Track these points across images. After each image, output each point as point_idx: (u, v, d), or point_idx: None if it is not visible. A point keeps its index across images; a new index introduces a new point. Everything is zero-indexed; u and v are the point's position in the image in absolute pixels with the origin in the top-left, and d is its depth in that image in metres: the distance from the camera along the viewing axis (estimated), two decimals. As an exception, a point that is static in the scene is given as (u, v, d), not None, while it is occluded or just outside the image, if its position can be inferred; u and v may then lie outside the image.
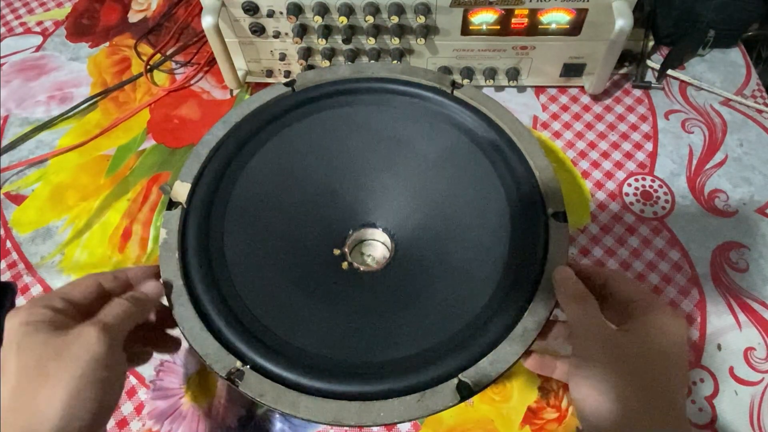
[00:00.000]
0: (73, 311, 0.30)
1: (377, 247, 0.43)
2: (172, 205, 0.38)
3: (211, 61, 0.65)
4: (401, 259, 0.40)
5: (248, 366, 0.33)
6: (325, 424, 0.32)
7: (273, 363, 0.33)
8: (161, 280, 0.35)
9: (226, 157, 0.41)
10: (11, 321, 0.29)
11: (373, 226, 0.42)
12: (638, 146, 0.57)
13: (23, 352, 0.28)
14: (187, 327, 0.34)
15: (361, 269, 0.40)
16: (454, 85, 0.44)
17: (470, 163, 0.41)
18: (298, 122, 0.43)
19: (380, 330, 0.36)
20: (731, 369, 0.45)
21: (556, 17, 0.51)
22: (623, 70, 0.62)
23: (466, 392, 0.31)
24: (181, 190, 0.39)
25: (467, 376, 0.32)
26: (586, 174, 0.56)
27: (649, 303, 0.31)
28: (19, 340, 0.28)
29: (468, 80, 0.59)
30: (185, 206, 0.38)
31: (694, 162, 0.55)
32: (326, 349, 0.34)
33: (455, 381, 0.32)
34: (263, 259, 0.38)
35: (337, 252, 0.41)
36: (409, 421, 0.35)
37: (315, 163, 0.42)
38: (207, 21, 0.51)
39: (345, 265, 0.40)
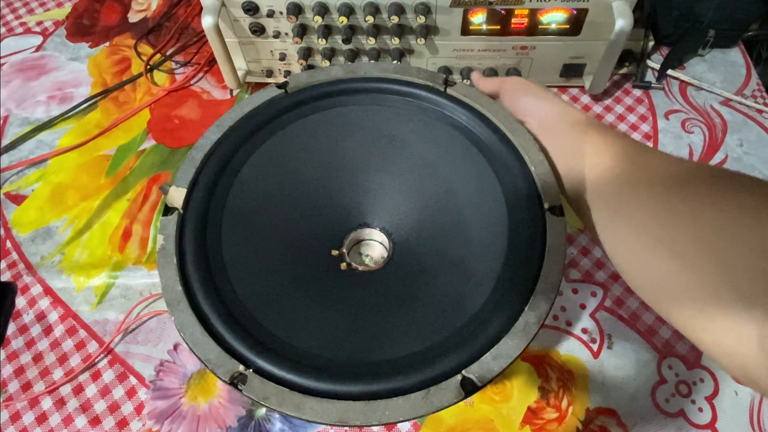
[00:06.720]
0: None
1: (375, 247, 0.43)
2: (168, 210, 0.38)
3: (211, 61, 0.65)
4: (399, 258, 0.41)
5: (251, 369, 0.32)
6: (330, 425, 0.32)
7: (276, 366, 0.32)
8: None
9: (221, 160, 0.41)
10: None
11: (371, 226, 0.42)
12: (638, 146, 0.57)
13: None
14: (188, 333, 0.34)
15: (360, 269, 0.40)
16: (447, 82, 0.44)
17: (466, 159, 0.41)
18: (293, 124, 0.43)
19: (381, 329, 0.36)
20: (731, 369, 0.45)
21: (556, 17, 0.51)
22: (623, 70, 0.62)
23: (470, 388, 0.31)
24: (176, 196, 0.39)
25: (471, 371, 0.32)
26: (586, 174, 0.56)
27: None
28: None
29: (468, 80, 0.59)
30: (181, 211, 0.38)
31: (694, 162, 0.56)
32: (328, 349, 0.34)
33: (459, 377, 0.32)
34: (261, 262, 0.38)
35: (335, 253, 0.41)
36: (415, 418, 0.35)
37: (311, 164, 0.42)
38: (207, 21, 0.51)
39: (343, 265, 0.40)
